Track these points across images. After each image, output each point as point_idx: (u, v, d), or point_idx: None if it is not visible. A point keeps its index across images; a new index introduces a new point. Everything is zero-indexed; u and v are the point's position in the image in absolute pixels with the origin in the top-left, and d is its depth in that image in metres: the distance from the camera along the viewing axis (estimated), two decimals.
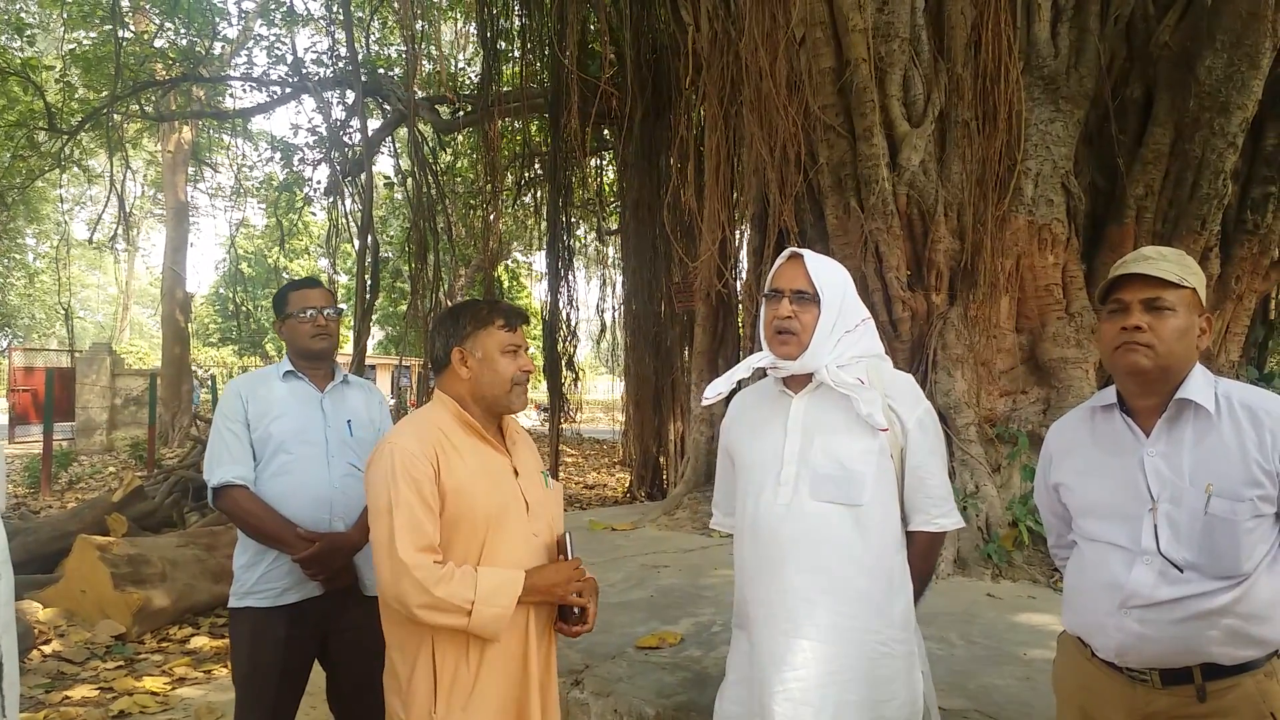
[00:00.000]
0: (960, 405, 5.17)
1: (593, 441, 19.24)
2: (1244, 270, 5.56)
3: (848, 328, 2.11)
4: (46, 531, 6.92)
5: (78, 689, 4.58)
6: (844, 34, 5.10)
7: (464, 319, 2.17)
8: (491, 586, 1.97)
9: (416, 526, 1.96)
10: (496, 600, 1.97)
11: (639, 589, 4.45)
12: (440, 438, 2.07)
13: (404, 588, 1.93)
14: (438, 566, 1.95)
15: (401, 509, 1.96)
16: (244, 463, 2.77)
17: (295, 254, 30.86)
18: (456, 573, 1.97)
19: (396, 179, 14.50)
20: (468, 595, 1.95)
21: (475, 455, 2.11)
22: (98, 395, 18.44)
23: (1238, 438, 1.76)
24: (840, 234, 5.47)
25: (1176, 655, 1.76)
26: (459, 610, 1.94)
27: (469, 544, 2.04)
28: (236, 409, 2.81)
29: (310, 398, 2.91)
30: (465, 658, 2.02)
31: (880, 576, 2.00)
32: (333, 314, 2.96)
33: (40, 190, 20.28)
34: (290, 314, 2.90)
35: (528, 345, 2.23)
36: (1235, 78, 4.93)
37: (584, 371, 13.98)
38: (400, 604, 1.96)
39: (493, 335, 2.13)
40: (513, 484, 2.15)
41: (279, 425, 2.80)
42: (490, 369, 2.13)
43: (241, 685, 2.79)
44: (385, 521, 1.97)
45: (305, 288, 2.97)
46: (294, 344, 2.92)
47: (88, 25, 14.25)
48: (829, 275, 2.12)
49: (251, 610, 2.74)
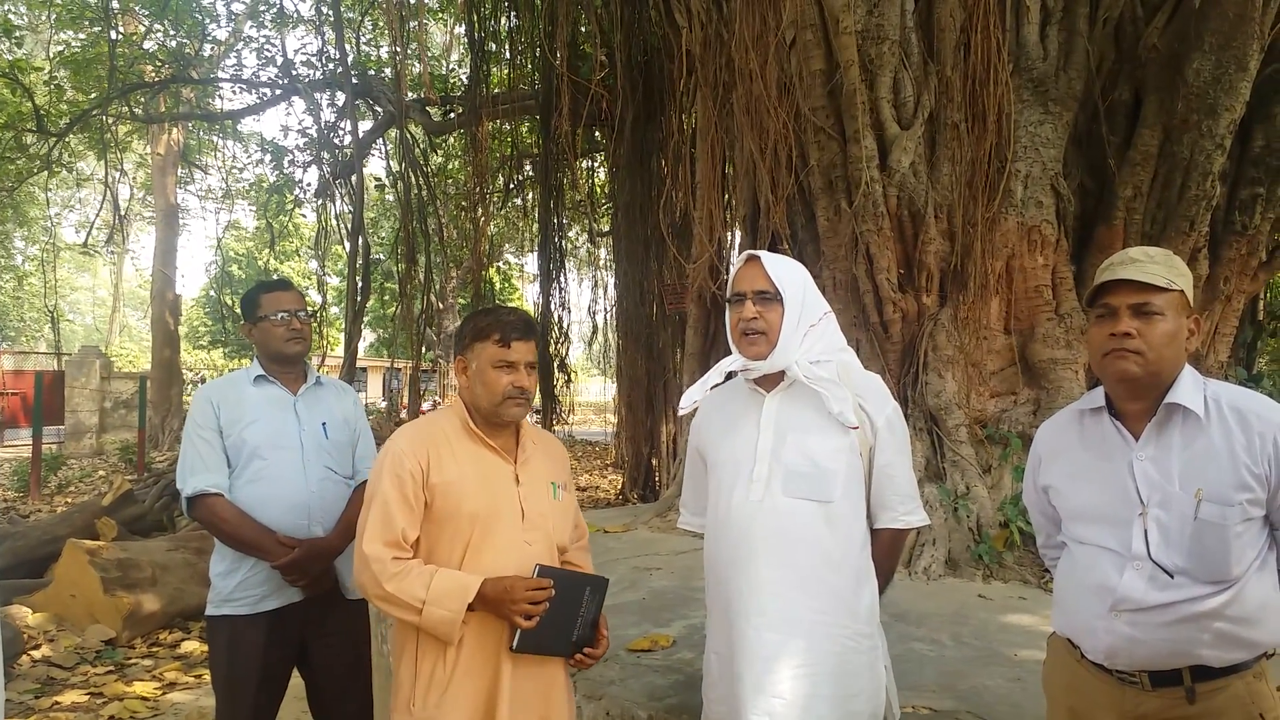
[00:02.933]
0: (951, 406, 5.18)
1: (585, 443, 19.23)
2: (1232, 271, 5.58)
3: (812, 322, 2.15)
4: (36, 536, 6.89)
5: (67, 694, 4.56)
6: (834, 36, 5.11)
7: (467, 329, 2.22)
8: (443, 589, 2.00)
9: (387, 521, 2.04)
10: (445, 603, 1.99)
11: (631, 591, 4.44)
12: (438, 438, 2.14)
13: (364, 578, 2.05)
14: (396, 562, 2.02)
15: (378, 503, 2.06)
16: (218, 470, 2.72)
17: (285, 256, 30.82)
18: (414, 570, 2.02)
19: (387, 181, 14.48)
20: (419, 594, 1.99)
21: (471, 458, 2.15)
22: (87, 399, 18.35)
23: (1227, 441, 1.76)
24: (831, 235, 5.48)
25: (1166, 658, 1.77)
26: (410, 607, 2.00)
27: (454, 543, 2.09)
28: (208, 416, 2.76)
29: (283, 402, 2.86)
30: (443, 659, 2.07)
31: (849, 572, 2.05)
32: (305, 316, 2.91)
33: (29, 192, 20.18)
34: (263, 317, 2.84)
35: (533, 361, 2.20)
36: (1223, 80, 4.95)
37: (576, 373, 13.98)
38: (364, 592, 2.07)
39: (487, 349, 2.15)
40: (510, 490, 2.15)
41: (252, 431, 2.76)
42: (481, 381, 2.16)
43: (221, 693, 2.76)
44: (364, 514, 2.09)
45: (278, 290, 2.91)
46: (266, 347, 2.86)
47: (77, 26, 14.19)
48: (788, 273, 2.15)
49: (230, 618, 2.72)
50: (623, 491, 11.50)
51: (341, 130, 13.45)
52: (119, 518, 7.38)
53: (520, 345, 2.16)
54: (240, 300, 3.01)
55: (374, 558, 2.01)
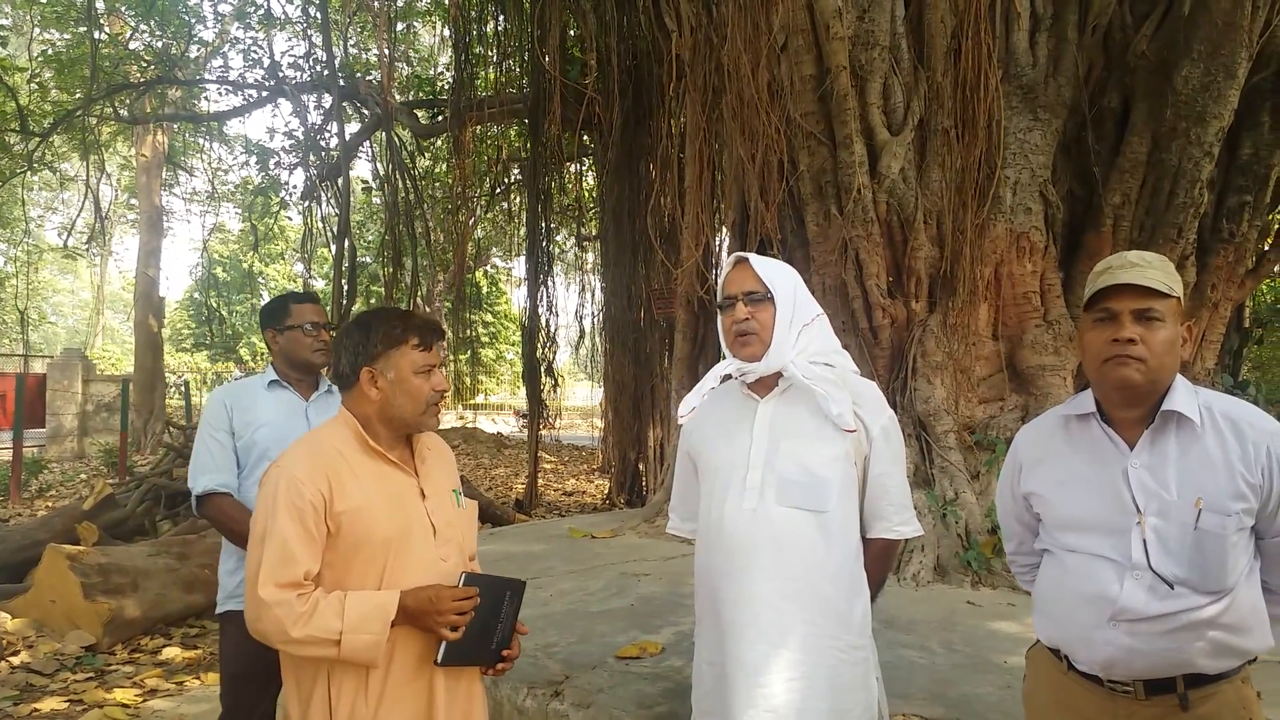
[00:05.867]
0: (939, 412, 5.19)
1: (571, 448, 19.18)
2: (1220, 278, 5.60)
3: (805, 321, 2.13)
4: (15, 540, 6.80)
5: (47, 701, 4.49)
6: (825, 41, 5.12)
7: (375, 335, 2.01)
8: (360, 613, 1.86)
9: (286, 560, 1.85)
10: (367, 627, 1.85)
11: (619, 597, 4.42)
12: (336, 461, 1.96)
13: (264, 626, 1.86)
14: (301, 600, 1.85)
15: (274, 540, 1.86)
16: (227, 470, 2.82)
17: (271, 258, 30.69)
18: (321, 603, 1.85)
19: (374, 183, 14.43)
20: (334, 625, 1.84)
21: (375, 478, 1.99)
22: (69, 401, 18.18)
23: (1222, 450, 1.74)
24: (821, 241, 5.48)
25: (1163, 666, 1.75)
26: (326, 642, 1.84)
27: (368, 570, 1.94)
28: (221, 417, 2.86)
29: (295, 406, 2.95)
30: (364, 691, 1.92)
31: (843, 583, 2.02)
32: (329, 330, 3.02)
33: (11, 191, 20.01)
34: (292, 325, 2.95)
35: (443, 362, 2.13)
36: (1212, 87, 4.98)
37: (563, 377, 13.94)
38: (264, 640, 1.88)
39: (406, 355, 2.00)
40: (418, 506, 2.03)
41: (263, 434, 2.85)
42: (403, 391, 2.00)
43: (228, 687, 2.86)
44: (256, 553, 1.88)
45: (307, 302, 3.03)
46: (293, 355, 2.96)
47: (61, 26, 14.09)
48: (778, 273, 2.13)
49: (238, 614, 2.76)
50: (609, 496, 11.48)
51: (328, 133, 13.42)
52: (100, 522, 7.29)
53: (437, 346, 2.07)
54: (263, 307, 3.09)
55: (275, 602, 1.82)
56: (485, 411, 31.12)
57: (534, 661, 3.41)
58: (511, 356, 32.32)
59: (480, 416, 28.00)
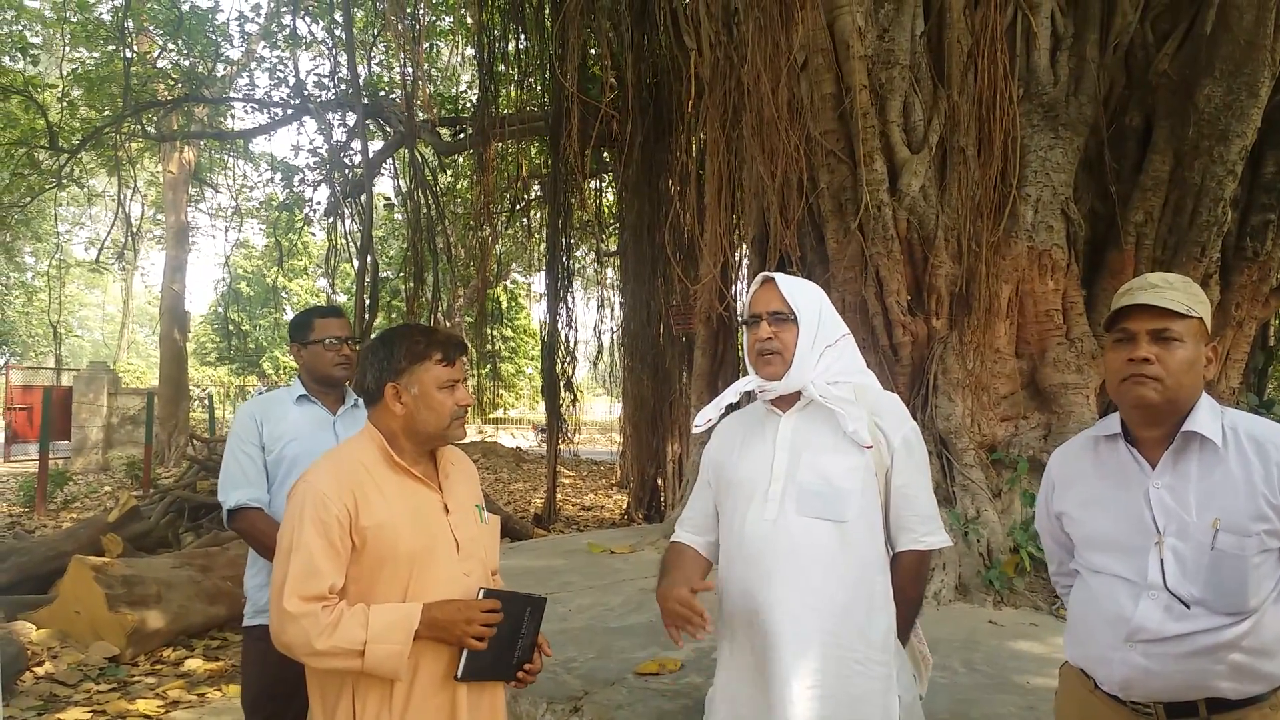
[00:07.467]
0: (960, 430, 5.16)
1: (590, 463, 19.18)
2: (1244, 297, 5.56)
3: (829, 342, 2.14)
4: (41, 551, 6.88)
5: (70, 711, 4.53)
6: (845, 60, 5.14)
7: (399, 351, 2.04)
8: (385, 624, 1.88)
9: (311, 574, 1.88)
10: (390, 637, 1.87)
11: (638, 613, 4.42)
12: (362, 475, 1.99)
13: (289, 638, 1.88)
14: (326, 612, 1.87)
15: (300, 554, 1.89)
16: (258, 485, 2.84)
17: (294, 274, 30.95)
18: (346, 615, 1.88)
19: (396, 200, 14.55)
20: (358, 636, 1.86)
21: (400, 493, 2.02)
22: (95, 414, 18.38)
23: (1245, 471, 1.73)
24: (840, 258, 5.48)
25: (1182, 689, 1.74)
26: (351, 653, 1.86)
27: (392, 585, 1.96)
28: (250, 431, 2.88)
29: (323, 421, 2.97)
30: (388, 704, 1.94)
31: (862, 594, 2.01)
32: (353, 344, 3.05)
33: (41, 207, 20.32)
34: (316, 340, 2.97)
35: (466, 376, 2.13)
36: (1234, 106, 4.96)
37: (582, 393, 13.97)
38: (288, 653, 1.91)
39: (430, 371, 2.03)
40: (442, 522, 2.05)
41: (292, 447, 2.87)
42: (427, 406, 2.03)
43: (250, 702, 2.86)
44: (282, 566, 1.91)
45: (331, 316, 3.06)
46: (316, 369, 2.98)
47: (91, 45, 14.33)
48: (803, 293, 2.15)
49: (264, 628, 2.77)
50: (628, 511, 11.48)
51: (352, 150, 13.56)
52: (124, 534, 7.36)
53: (460, 361, 2.10)
54: (291, 321, 3.13)
55: (301, 614, 1.86)
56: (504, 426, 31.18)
57: (553, 677, 3.42)
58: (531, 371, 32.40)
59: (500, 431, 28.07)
